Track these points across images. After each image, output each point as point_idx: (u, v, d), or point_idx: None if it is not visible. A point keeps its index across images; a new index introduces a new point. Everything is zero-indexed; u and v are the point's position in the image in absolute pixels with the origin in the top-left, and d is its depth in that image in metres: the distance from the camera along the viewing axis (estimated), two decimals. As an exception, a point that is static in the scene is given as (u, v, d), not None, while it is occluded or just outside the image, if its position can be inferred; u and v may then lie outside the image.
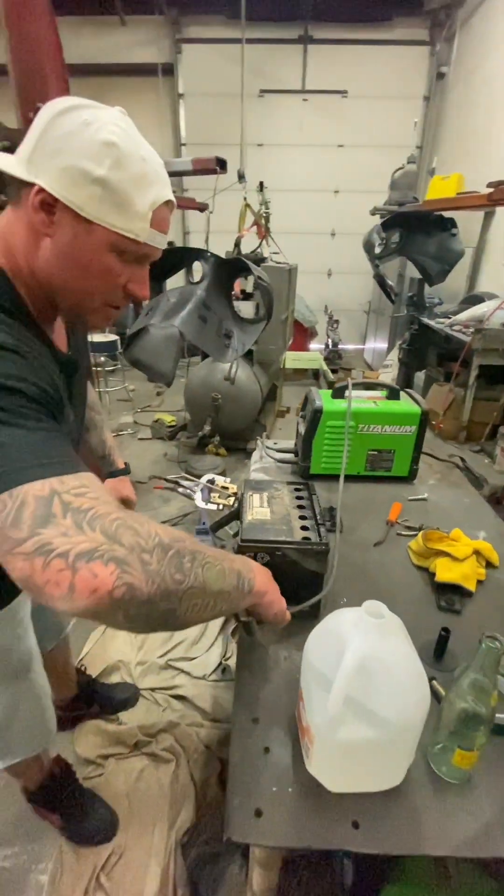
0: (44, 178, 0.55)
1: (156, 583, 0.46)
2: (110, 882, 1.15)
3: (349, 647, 0.52)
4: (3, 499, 0.44)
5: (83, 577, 0.42)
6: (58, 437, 0.51)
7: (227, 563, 0.57)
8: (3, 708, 0.91)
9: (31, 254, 0.60)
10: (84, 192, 0.55)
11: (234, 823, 0.54)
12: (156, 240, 0.61)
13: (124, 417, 4.22)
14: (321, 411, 1.24)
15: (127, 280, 0.63)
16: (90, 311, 0.66)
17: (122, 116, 0.57)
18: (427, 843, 0.53)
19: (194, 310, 2.05)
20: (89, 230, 0.57)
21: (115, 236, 0.58)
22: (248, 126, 4.78)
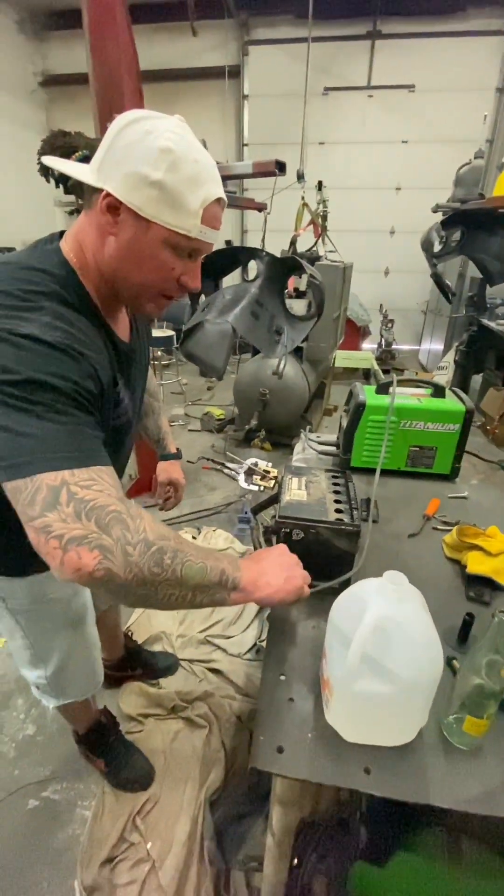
0: (111, 183, 0.62)
1: (133, 572, 0.55)
2: (145, 825, 1.27)
3: (369, 608, 0.58)
4: (25, 482, 0.54)
5: (70, 557, 0.52)
6: (83, 431, 0.59)
7: (212, 562, 0.63)
8: (61, 652, 1.04)
9: (99, 251, 0.68)
10: (143, 194, 0.62)
11: (259, 756, 0.61)
12: (206, 235, 0.67)
13: (176, 409, 4.41)
14: (364, 405, 1.28)
15: (180, 273, 0.69)
16: (147, 300, 0.73)
17: (179, 123, 0.64)
18: (433, 795, 0.57)
19: (247, 306, 2.14)
20: (147, 228, 0.64)
21: (169, 233, 0.64)
22: (311, 125, 4.80)
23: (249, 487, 1.09)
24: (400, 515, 1.19)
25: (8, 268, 0.64)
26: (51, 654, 1.02)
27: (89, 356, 0.63)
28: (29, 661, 1.03)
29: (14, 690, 1.66)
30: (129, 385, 0.83)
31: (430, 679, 0.57)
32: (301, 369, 3.43)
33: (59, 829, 1.28)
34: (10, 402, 0.54)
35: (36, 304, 0.60)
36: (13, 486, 0.54)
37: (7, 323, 0.57)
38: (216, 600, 0.65)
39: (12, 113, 6.30)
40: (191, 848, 1.20)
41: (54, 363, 0.58)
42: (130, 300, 0.74)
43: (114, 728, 1.38)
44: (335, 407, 4.31)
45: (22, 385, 0.55)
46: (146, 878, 1.16)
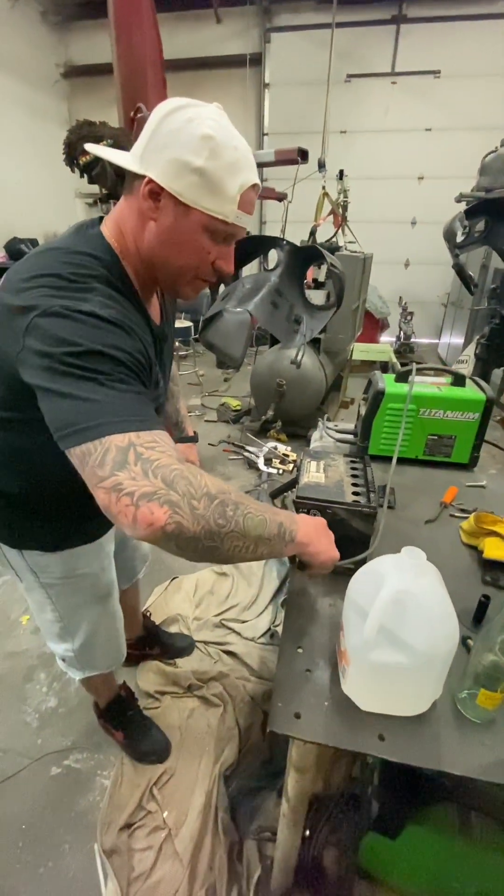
0: (153, 170, 0.65)
1: (200, 524, 0.57)
2: (161, 795, 1.31)
3: (387, 582, 0.60)
4: (95, 445, 0.56)
5: (143, 513, 0.54)
6: (142, 399, 0.62)
7: (270, 515, 0.66)
8: (88, 626, 1.08)
9: (139, 236, 0.71)
10: (185, 180, 0.64)
11: (277, 720, 0.64)
12: (242, 220, 0.69)
13: (193, 400, 4.45)
14: (383, 393, 1.29)
15: (216, 257, 0.72)
16: (184, 283, 0.76)
17: (218, 111, 0.67)
18: (445, 763, 0.59)
19: (267, 296, 2.14)
20: (187, 214, 0.67)
21: (208, 218, 0.67)
22: (332, 113, 4.74)
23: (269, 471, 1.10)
24: (417, 502, 1.19)
25: (57, 253, 0.67)
26: (79, 628, 1.07)
27: (138, 333, 0.67)
28: (57, 635, 1.08)
29: (37, 665, 1.72)
30: (161, 367, 0.86)
31: (446, 652, 0.59)
32: (318, 361, 3.42)
33: (80, 796, 1.33)
34: (75, 371, 0.57)
35: (88, 286, 0.63)
36: (82, 449, 0.56)
37: (66, 301, 0.60)
38: (275, 551, 0.68)
39: (34, 105, 6.35)
40: (205, 818, 1.24)
41: (112, 336, 0.61)
42: (168, 283, 0.77)
43: (132, 703, 1.43)
44: (352, 400, 4.29)
45: (84, 356, 0.58)
46: (162, 845, 1.20)
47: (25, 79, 6.15)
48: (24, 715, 1.56)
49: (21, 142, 6.07)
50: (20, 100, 6.10)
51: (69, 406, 0.57)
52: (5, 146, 5.85)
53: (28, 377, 0.61)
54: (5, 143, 5.85)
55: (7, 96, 5.88)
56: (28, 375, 0.61)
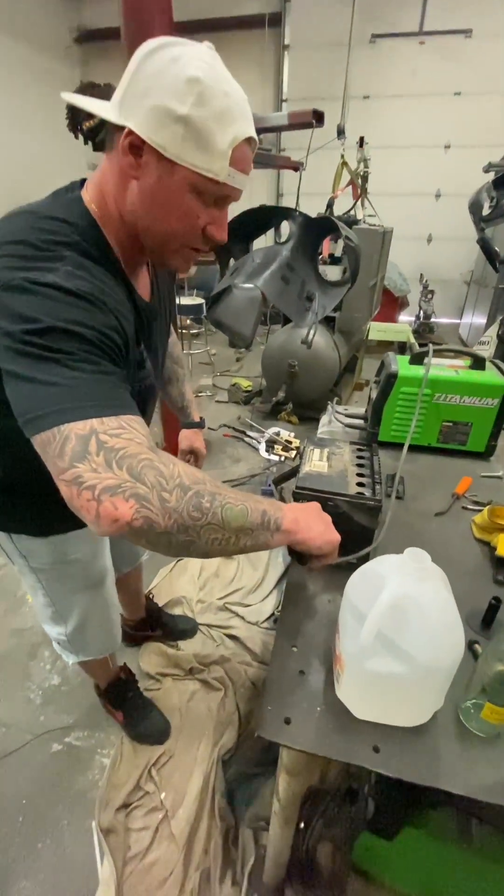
0: (133, 120, 0.57)
1: (172, 518, 0.52)
2: (159, 776, 1.32)
3: (387, 585, 0.54)
4: (53, 433, 0.51)
5: (106, 508, 0.50)
6: (110, 380, 0.56)
7: (252, 504, 0.60)
8: (80, 612, 1.06)
9: (120, 197, 0.63)
10: (168, 131, 0.56)
11: (266, 725, 0.61)
12: (235, 179, 0.61)
13: (204, 380, 4.38)
14: (395, 376, 1.21)
15: (206, 222, 0.64)
16: (171, 252, 0.68)
17: (208, 51, 0.58)
18: (443, 780, 0.55)
19: (277, 271, 2.05)
20: (171, 171, 0.58)
21: (194, 176, 0.59)
22: (355, 76, 4.48)
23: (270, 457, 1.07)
24: (427, 493, 1.13)
25: (29, 217, 0.61)
26: (70, 613, 1.05)
27: (113, 308, 0.60)
28: (50, 618, 1.07)
29: (41, 642, 1.74)
30: (150, 347, 0.80)
31: (449, 664, 0.54)
32: (332, 340, 3.31)
33: (80, 774, 1.35)
34: (34, 351, 0.52)
35: (57, 254, 0.57)
36: (42, 438, 0.52)
37: (28, 273, 0.54)
38: (260, 543, 0.62)
39: (47, 72, 6.15)
40: (202, 802, 1.24)
41: (77, 311, 0.55)
42: (154, 252, 0.69)
43: (133, 684, 1.43)
44: (367, 381, 4.17)
45: (45, 333, 0.52)
46: (159, 826, 1.21)
47: (36, 44, 5.94)
48: (28, 692, 1.57)
49: (32, 111, 5.89)
50: (31, 66, 5.90)
51: (28, 390, 0.52)
52: (16, 115, 5.70)
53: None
54: (16, 112, 5.70)
55: (17, 63, 5.69)
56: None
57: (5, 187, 5.65)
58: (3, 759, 1.37)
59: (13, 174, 5.75)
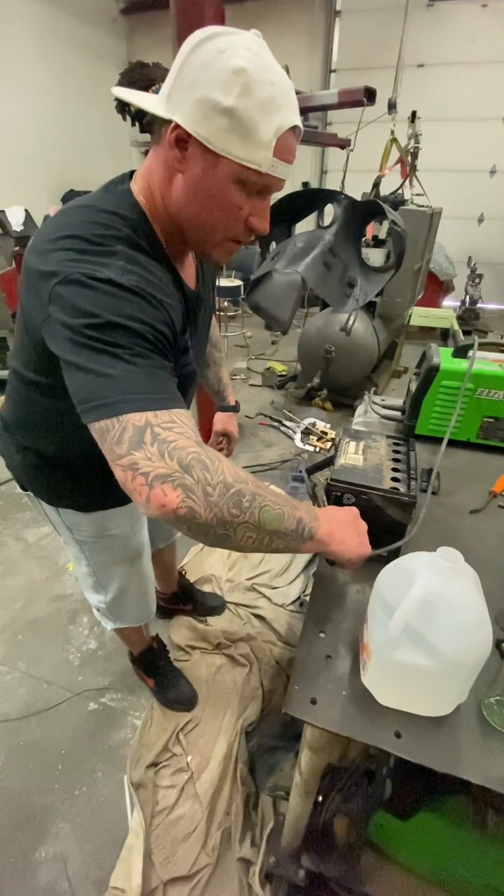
0: (179, 114, 0.58)
1: (213, 511, 0.56)
2: (186, 740, 1.40)
3: (417, 581, 0.56)
4: (112, 422, 0.55)
5: (156, 494, 0.54)
6: (161, 375, 0.59)
7: (289, 509, 0.62)
8: (119, 583, 1.13)
9: (166, 190, 0.65)
10: (213, 124, 0.56)
11: (293, 703, 0.64)
12: (278, 170, 0.61)
13: (239, 363, 4.40)
14: (437, 369, 1.19)
15: (248, 213, 0.65)
16: (213, 245, 0.69)
17: (255, 39, 0.58)
18: (463, 768, 0.57)
19: (319, 256, 2.01)
20: (215, 163, 0.59)
21: (238, 168, 0.59)
22: (410, 44, 4.24)
23: (305, 447, 1.07)
24: (463, 489, 1.12)
25: (82, 212, 0.64)
26: (110, 583, 1.12)
27: (163, 301, 0.63)
28: (92, 587, 1.14)
29: (80, 609, 1.85)
30: (194, 333, 0.82)
31: (475, 660, 0.56)
32: (372, 326, 3.23)
33: (114, 731, 1.45)
34: (94, 344, 0.56)
35: (110, 249, 0.60)
36: (100, 425, 0.56)
37: (85, 267, 0.57)
38: (291, 547, 0.65)
39: (92, 45, 6.11)
40: (226, 767, 1.32)
41: (132, 307, 0.58)
42: (197, 245, 0.71)
43: (164, 654, 1.52)
44: (405, 369, 4.06)
45: (103, 328, 0.56)
46: (184, 786, 1.30)
47: (82, 16, 5.89)
48: (68, 654, 1.69)
49: (77, 86, 5.88)
50: (76, 40, 5.86)
51: (88, 380, 0.56)
52: (61, 91, 5.71)
53: (52, 347, 0.61)
54: (61, 87, 5.70)
55: (62, 36, 5.64)
56: (52, 345, 0.61)
57: (51, 161, 5.72)
58: (46, 711, 1.49)
59: (58, 148, 5.78)
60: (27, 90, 5.29)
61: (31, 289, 0.63)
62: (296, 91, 1.76)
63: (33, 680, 1.59)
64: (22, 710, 1.50)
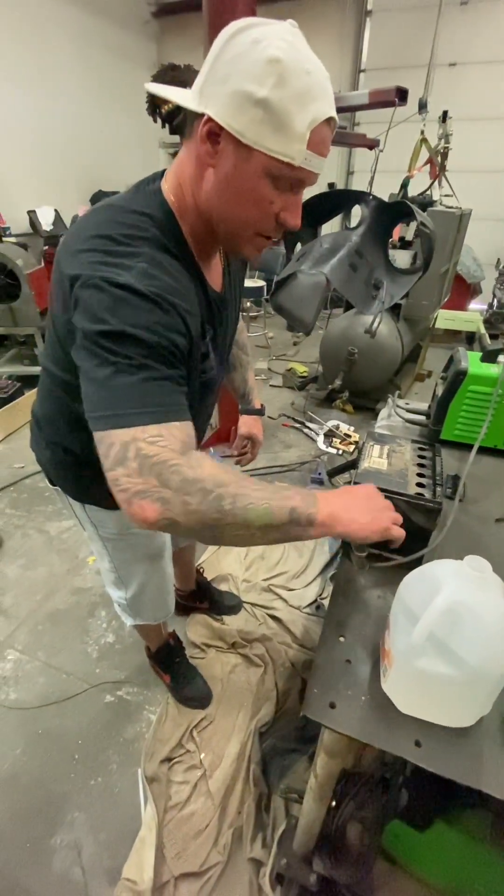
0: (212, 107, 0.56)
1: (194, 518, 0.58)
2: (200, 738, 1.41)
3: (443, 590, 0.55)
4: (103, 435, 0.58)
5: (135, 509, 0.57)
6: (163, 386, 0.60)
7: (278, 502, 0.61)
8: (139, 580, 1.14)
9: (197, 186, 0.64)
10: (246, 116, 0.55)
11: (311, 706, 0.64)
12: (312, 163, 0.59)
13: (259, 363, 4.40)
14: (465, 373, 1.17)
15: (280, 208, 0.63)
16: (244, 241, 0.68)
17: (291, 29, 0.57)
18: (485, 782, 0.56)
19: (345, 257, 2.00)
20: (248, 157, 0.58)
21: (271, 161, 0.58)
22: (442, 43, 4.16)
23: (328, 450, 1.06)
24: (489, 497, 1.10)
25: (111, 211, 0.65)
26: (131, 580, 1.14)
27: (181, 307, 0.63)
28: (113, 583, 1.16)
29: (99, 603, 1.89)
30: (216, 337, 0.81)
31: (501, 672, 0.54)
32: (396, 328, 3.19)
33: (129, 725, 1.47)
34: (101, 353, 0.57)
35: (135, 250, 0.60)
36: (96, 436, 0.60)
37: (106, 271, 0.58)
38: (292, 536, 0.64)
39: (123, 47, 6.18)
40: (238, 767, 1.32)
41: (144, 315, 0.58)
42: (227, 241, 0.70)
43: (180, 651, 1.53)
44: (429, 372, 4.00)
45: (111, 336, 0.57)
46: (197, 782, 1.31)
47: (114, 19, 5.96)
48: (86, 646, 1.72)
49: (108, 88, 5.97)
50: (108, 42, 5.94)
51: (91, 390, 0.59)
52: (92, 93, 5.79)
53: (70, 349, 0.63)
54: (92, 89, 5.79)
55: (95, 38, 5.72)
56: (70, 347, 0.63)
57: (81, 162, 5.82)
58: (64, 702, 1.52)
59: (88, 149, 5.87)
60: (59, 92, 5.39)
61: (58, 288, 0.65)
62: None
63: (52, 670, 1.63)
64: (41, 698, 1.53)
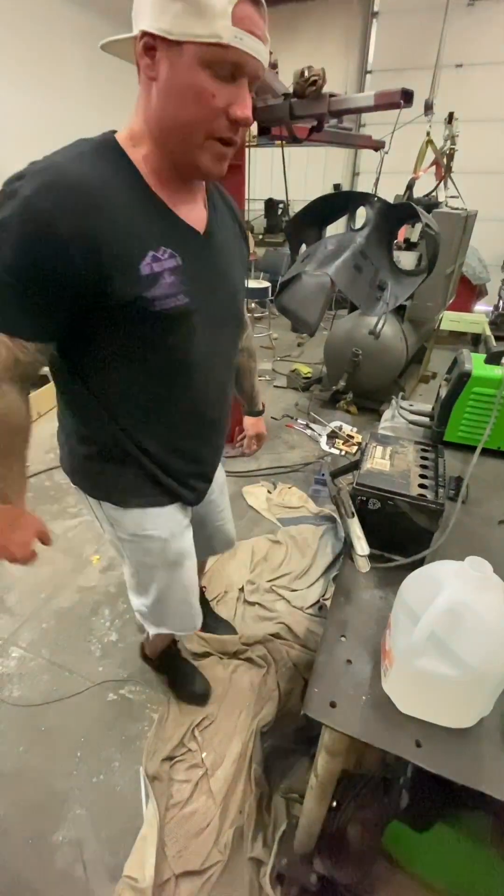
0: (141, 22, 0.60)
1: None
2: (202, 737, 1.42)
3: (444, 590, 0.55)
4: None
5: None
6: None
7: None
8: (158, 587, 1.08)
9: (148, 109, 0.65)
10: (169, 13, 0.57)
11: (312, 705, 0.64)
12: (244, 42, 0.59)
13: (264, 364, 4.40)
14: (469, 375, 1.17)
15: (226, 102, 0.62)
16: (199, 150, 0.66)
17: None
18: (485, 783, 0.56)
19: (350, 259, 2.00)
20: (180, 52, 0.59)
21: (200, 48, 0.58)
22: (448, 43, 4.15)
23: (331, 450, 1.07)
24: (492, 499, 1.10)
25: None
26: (150, 587, 1.08)
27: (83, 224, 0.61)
28: (134, 588, 1.12)
29: (102, 601, 1.90)
30: (187, 269, 0.73)
31: (501, 673, 0.55)
32: (401, 330, 3.19)
33: (131, 723, 1.48)
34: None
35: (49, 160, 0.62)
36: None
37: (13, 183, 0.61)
38: None
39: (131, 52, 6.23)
40: (240, 766, 1.33)
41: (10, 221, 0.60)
42: (183, 156, 0.68)
43: (177, 654, 1.52)
44: (434, 374, 3.99)
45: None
46: (199, 781, 1.31)
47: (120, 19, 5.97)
48: (90, 644, 1.73)
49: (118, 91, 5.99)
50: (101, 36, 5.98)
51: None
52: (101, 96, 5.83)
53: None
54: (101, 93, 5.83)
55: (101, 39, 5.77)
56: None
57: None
58: (67, 699, 1.53)
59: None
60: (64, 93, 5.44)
61: None
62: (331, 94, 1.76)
63: (56, 668, 1.64)
64: (45, 696, 1.54)
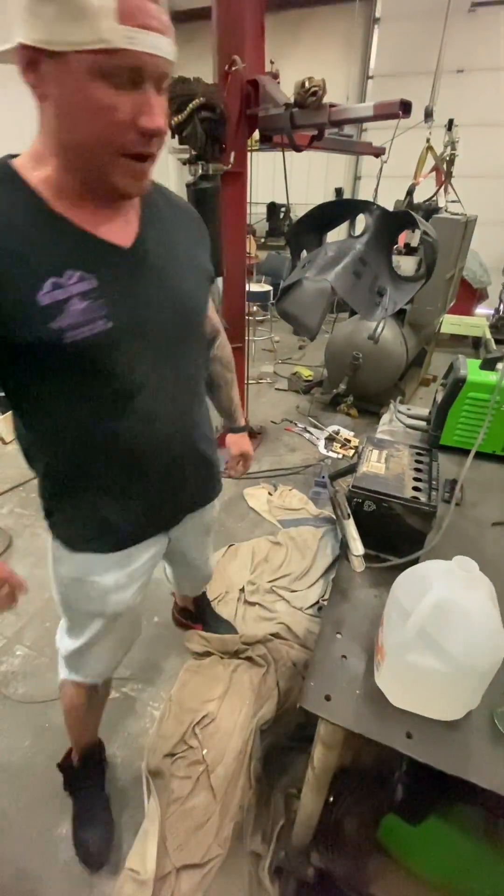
0: (18, 34, 0.51)
1: None
2: (203, 734, 1.44)
3: (432, 589, 0.58)
4: None
5: None
6: None
7: None
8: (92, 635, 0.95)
9: (46, 127, 0.57)
10: (42, 20, 0.49)
11: (308, 698, 0.67)
12: (138, 41, 0.50)
13: (265, 367, 4.44)
14: (464, 381, 1.20)
15: (131, 112, 0.54)
16: (109, 167, 0.58)
17: None
18: (472, 773, 0.59)
19: (350, 265, 2.03)
20: (66, 65, 0.50)
21: (88, 57, 0.49)
22: (450, 49, 4.19)
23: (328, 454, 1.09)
24: (486, 501, 1.12)
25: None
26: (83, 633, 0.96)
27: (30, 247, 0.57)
28: (66, 629, 1.00)
29: (105, 602, 1.92)
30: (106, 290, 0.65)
31: (486, 667, 0.57)
32: (401, 333, 3.22)
33: (134, 720, 1.51)
34: None
35: None
36: None
37: None
38: None
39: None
40: (240, 763, 1.35)
41: None
42: (95, 174, 0.60)
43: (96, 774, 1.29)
44: (434, 377, 4.02)
45: None
46: (199, 777, 1.34)
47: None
48: (92, 643, 1.76)
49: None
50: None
51: None
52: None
53: None
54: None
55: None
56: None
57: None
58: (70, 697, 1.56)
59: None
60: None
61: None
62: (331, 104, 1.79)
63: (59, 666, 1.67)
64: (49, 693, 1.57)
